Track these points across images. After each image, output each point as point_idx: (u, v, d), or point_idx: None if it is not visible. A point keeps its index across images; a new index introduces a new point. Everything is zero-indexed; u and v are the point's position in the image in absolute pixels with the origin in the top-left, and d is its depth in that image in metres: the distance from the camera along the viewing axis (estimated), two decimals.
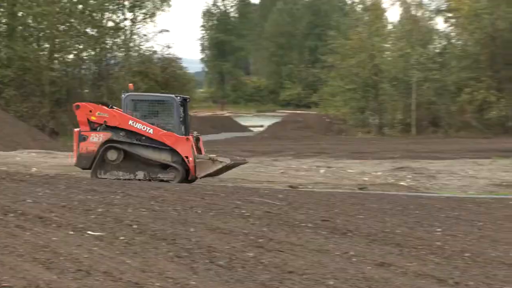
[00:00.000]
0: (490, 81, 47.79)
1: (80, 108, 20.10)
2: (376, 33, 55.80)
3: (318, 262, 8.42)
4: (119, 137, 19.67)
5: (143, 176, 19.61)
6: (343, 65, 55.08)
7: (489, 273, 8.28)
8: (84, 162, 19.73)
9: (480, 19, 47.33)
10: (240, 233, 9.96)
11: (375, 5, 58.02)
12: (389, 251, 9.38)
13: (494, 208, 14.63)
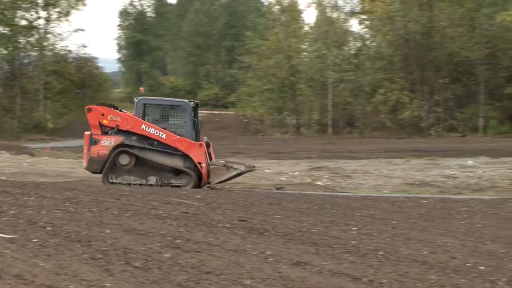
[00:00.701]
0: (403, 82, 48.80)
1: (92, 111, 19.65)
2: (292, 34, 56.26)
3: (235, 262, 8.42)
4: (131, 142, 19.35)
5: (155, 181, 19.34)
6: (260, 65, 55.30)
7: (401, 271, 8.43)
8: (94, 166, 19.37)
9: (393, 21, 48.26)
10: (157, 234, 9.88)
11: (292, 6, 58.47)
12: (306, 250, 9.45)
13: (408, 207, 14.96)
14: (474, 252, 9.88)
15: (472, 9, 48.41)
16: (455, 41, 48.34)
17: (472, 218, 13.31)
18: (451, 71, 49.47)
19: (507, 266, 8.96)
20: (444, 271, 8.57)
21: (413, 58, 48.86)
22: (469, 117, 48.31)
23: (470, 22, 48.43)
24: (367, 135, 48.43)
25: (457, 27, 48.23)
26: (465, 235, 11.33)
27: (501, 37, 45.96)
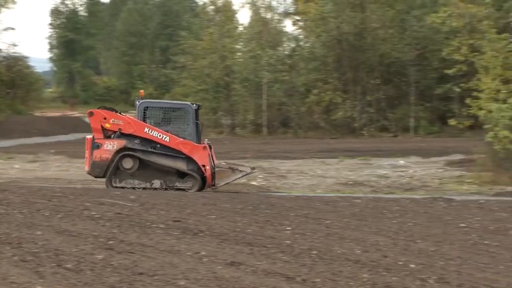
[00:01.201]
0: (336, 82, 49.30)
1: (94, 115, 19.33)
2: (227, 34, 56.28)
3: (169, 262, 8.38)
4: (134, 145, 19.15)
5: (160, 184, 19.19)
6: (195, 65, 55.14)
7: (335, 270, 8.52)
8: (97, 171, 19.08)
9: (326, 22, 48.67)
10: (89, 235, 9.76)
11: (226, 6, 58.48)
12: (240, 251, 9.47)
13: (341, 206, 15.10)
14: (405, 250, 10.04)
15: (402, 11, 49.19)
16: (386, 42, 49.04)
17: (403, 217, 13.52)
18: (382, 72, 50.16)
19: (437, 264, 9.14)
20: (376, 269, 8.69)
21: (346, 59, 49.40)
22: (401, 117, 49.05)
23: (400, 24, 49.19)
24: (302, 135, 48.75)
25: (388, 28, 48.95)
26: (397, 233, 11.51)
27: (430, 39, 46.78)
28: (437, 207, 15.34)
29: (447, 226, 12.49)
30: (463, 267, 9.06)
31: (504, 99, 24.05)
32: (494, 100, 24.28)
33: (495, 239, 11.24)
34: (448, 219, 13.34)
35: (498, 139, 23.48)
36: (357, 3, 48.99)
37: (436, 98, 48.14)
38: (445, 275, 8.52)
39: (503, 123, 23.33)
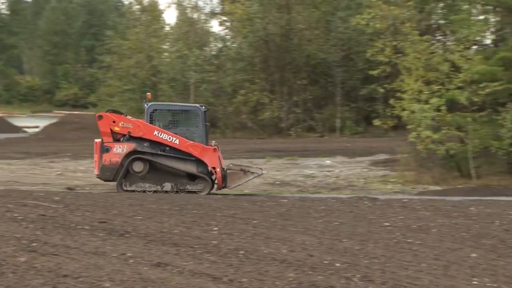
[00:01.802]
0: (263, 83, 49.49)
1: (103, 118, 19.18)
2: (153, 34, 55.84)
3: (94, 264, 8.28)
4: (143, 148, 19.04)
5: (170, 187, 19.14)
6: (121, 65, 54.53)
7: (261, 270, 8.57)
8: (107, 174, 18.95)
9: (252, 23, 48.78)
10: (12, 237, 9.56)
11: (152, 6, 58.04)
12: (166, 251, 9.43)
13: (268, 206, 15.18)
14: (331, 249, 10.17)
15: (328, 12, 49.68)
16: (312, 43, 49.46)
17: (329, 217, 13.67)
18: (309, 72, 50.57)
19: (361, 263, 9.28)
20: (302, 268, 8.77)
21: (273, 60, 49.63)
22: (327, 117, 49.51)
23: (326, 25, 49.67)
24: (229, 135, 48.73)
25: (314, 29, 49.38)
26: (323, 233, 11.64)
27: (355, 40, 47.41)
28: (362, 206, 15.57)
29: (371, 225, 12.69)
30: (387, 265, 9.22)
31: (426, 100, 24.52)
32: (416, 100, 24.71)
33: (417, 238, 11.48)
34: (372, 218, 13.55)
35: (421, 139, 23.96)
36: (283, 4, 49.24)
37: (361, 98, 48.80)
38: (369, 273, 8.66)
39: (425, 124, 23.82)
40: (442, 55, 26.44)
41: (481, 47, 34.66)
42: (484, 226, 12.88)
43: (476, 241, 11.44)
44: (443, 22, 44.51)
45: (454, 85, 24.92)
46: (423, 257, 9.94)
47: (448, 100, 24.75)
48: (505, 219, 13.80)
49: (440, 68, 25.40)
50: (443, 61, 25.59)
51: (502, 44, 29.38)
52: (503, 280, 8.75)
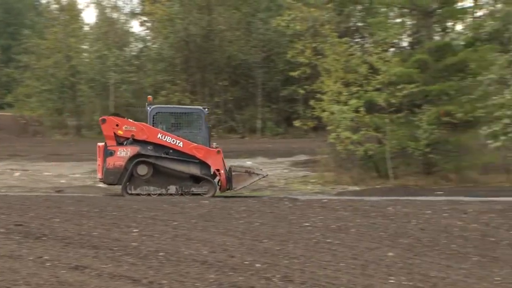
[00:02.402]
0: (184, 84, 49.30)
1: (107, 122, 19.11)
2: (72, 34, 54.92)
3: (9, 268, 8.11)
4: (147, 151, 18.99)
5: (175, 190, 19.08)
6: (39, 65, 53.45)
7: (182, 271, 8.54)
8: (111, 178, 18.87)
9: (173, 23, 48.53)
10: None
11: (70, 5, 57.08)
12: (85, 254, 9.30)
13: (189, 208, 15.14)
14: (252, 250, 10.21)
15: (248, 13, 49.83)
16: (233, 45, 49.55)
17: (250, 217, 13.73)
18: (230, 73, 50.64)
19: (281, 263, 9.35)
20: (222, 269, 8.78)
21: (194, 61, 49.50)
22: (248, 118, 49.69)
23: (247, 26, 49.83)
24: None
25: (235, 30, 49.46)
26: (244, 234, 11.68)
27: (276, 41, 47.71)
28: (282, 207, 15.68)
29: (291, 226, 12.80)
30: (306, 265, 9.32)
31: (345, 101, 24.83)
32: (336, 102, 25.01)
33: (337, 238, 11.64)
34: (292, 219, 13.67)
35: (340, 140, 24.27)
36: (203, 5, 49.16)
37: (281, 100, 49.15)
38: (289, 273, 8.74)
39: (344, 125, 24.14)
40: (360, 57, 26.84)
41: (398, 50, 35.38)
42: (401, 226, 13.15)
43: (393, 240, 11.67)
44: (361, 25, 45.27)
45: (372, 86, 25.35)
46: (341, 256, 10.08)
47: (367, 101, 25.16)
48: (421, 219, 14.11)
49: (358, 70, 25.78)
50: (362, 63, 25.99)
51: (418, 46, 30.01)
52: (418, 278, 8.95)
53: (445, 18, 32.53)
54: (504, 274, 9.54)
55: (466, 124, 24.51)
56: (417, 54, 26.96)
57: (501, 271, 9.73)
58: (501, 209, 15.82)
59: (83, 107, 54.18)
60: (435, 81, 25.66)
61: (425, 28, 30.33)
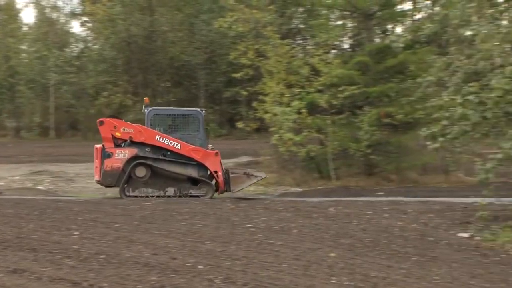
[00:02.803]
0: (126, 85, 48.91)
1: (105, 124, 19.02)
2: (10, 34, 54.04)
3: None
4: (145, 153, 18.95)
5: (174, 192, 18.97)
6: None
7: (123, 274, 8.46)
8: (109, 180, 18.76)
9: (115, 24, 48.09)
10: None
11: (9, 5, 56.15)
12: (24, 257, 9.16)
13: (131, 210, 15.03)
14: (194, 252, 10.18)
15: (191, 14, 49.66)
16: (176, 46, 49.34)
17: (192, 219, 13.69)
18: (173, 75, 50.44)
19: (223, 264, 9.34)
20: (164, 272, 8.73)
21: (136, 62, 49.13)
22: None
23: (189, 28, 49.68)
24: (91, 137, 47.84)
25: (177, 32, 49.27)
26: (186, 235, 11.64)
27: (218, 43, 47.68)
28: (225, 208, 15.68)
29: (234, 227, 12.80)
30: (249, 266, 9.33)
31: (288, 103, 24.96)
32: (278, 103, 25.13)
33: (279, 239, 11.68)
34: (235, 220, 13.67)
35: (283, 142, 24.37)
36: (145, 6, 48.85)
37: (224, 101, 49.19)
38: (231, 275, 8.73)
39: (287, 126, 24.25)
40: (302, 59, 27.05)
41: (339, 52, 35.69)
42: (342, 226, 13.27)
43: (335, 240, 11.77)
44: (303, 27, 45.58)
45: (314, 88, 25.55)
46: (284, 257, 10.11)
47: (309, 103, 25.35)
48: (362, 219, 14.27)
49: (300, 72, 25.96)
50: (304, 65, 26.18)
51: (359, 49, 30.38)
52: (359, 278, 9.03)
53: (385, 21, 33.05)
54: (442, 273, 9.70)
55: (406, 126, 24.91)
56: (358, 56, 27.29)
57: (440, 270, 9.90)
58: (440, 209, 16.12)
59: (22, 108, 53.34)
60: (376, 83, 26.01)
61: (365, 31, 30.73)
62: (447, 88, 14.87)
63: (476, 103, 11.50)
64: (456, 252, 11.49)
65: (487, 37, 12.12)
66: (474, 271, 10.00)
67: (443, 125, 13.75)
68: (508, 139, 11.83)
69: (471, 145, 15.12)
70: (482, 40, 12.15)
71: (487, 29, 12.54)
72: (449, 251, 11.47)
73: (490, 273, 9.98)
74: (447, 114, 13.78)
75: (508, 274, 10.00)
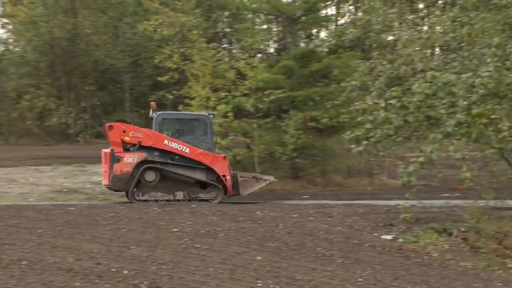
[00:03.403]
0: (50, 88, 48.06)
1: (114, 128, 19.05)
2: None
3: None
4: (154, 157, 18.93)
5: (183, 196, 19.01)
6: None
7: (45, 280, 8.33)
8: (118, 184, 18.81)
9: (37, 26, 47.19)
10: None
11: None
12: None
13: (54, 215, 14.78)
14: (119, 257, 10.08)
15: (115, 17, 49.14)
16: (100, 49, 48.72)
17: (118, 224, 13.56)
18: (97, 78, 49.79)
19: (149, 269, 9.28)
20: (89, 277, 8.63)
21: (59, 65, 48.32)
22: None
23: (114, 31, 49.17)
24: (13, 142, 46.86)
25: (101, 34, 48.70)
26: (111, 240, 11.52)
27: (143, 46, 47.30)
28: (151, 213, 15.57)
29: (160, 231, 12.73)
30: (175, 271, 9.30)
31: (214, 107, 24.98)
32: (204, 107, 25.11)
33: (205, 242, 11.67)
34: (161, 224, 13.60)
35: None
36: (68, 8, 48.12)
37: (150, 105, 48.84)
38: (157, 279, 8.69)
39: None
40: (228, 63, 27.10)
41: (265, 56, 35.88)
42: (269, 230, 13.35)
43: (261, 244, 11.83)
44: (229, 30, 45.70)
45: (240, 92, 25.64)
46: (210, 261, 10.12)
47: (235, 106, 25.42)
48: (288, 222, 14.38)
49: (226, 75, 26.02)
50: (229, 69, 26.24)
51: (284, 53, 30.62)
52: (285, 281, 9.11)
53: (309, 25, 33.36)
54: (366, 275, 9.87)
55: (331, 129, 25.25)
56: (283, 60, 27.51)
57: (364, 272, 10.06)
58: (364, 212, 16.37)
59: None
60: (301, 87, 26.26)
61: (290, 35, 31.00)
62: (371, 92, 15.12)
63: (398, 107, 11.72)
64: (380, 254, 11.70)
65: (408, 43, 12.38)
66: (397, 273, 10.20)
67: (366, 129, 13.97)
68: (429, 142, 12.10)
69: (393, 148, 15.42)
70: (404, 45, 12.40)
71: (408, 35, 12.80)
72: (373, 253, 11.67)
73: (412, 274, 10.20)
74: (371, 118, 14.01)
75: (430, 275, 10.24)
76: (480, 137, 10.99)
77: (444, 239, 13.35)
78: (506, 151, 12.23)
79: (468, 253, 12.51)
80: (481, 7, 14.42)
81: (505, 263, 11.88)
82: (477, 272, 10.96)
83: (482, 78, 10.78)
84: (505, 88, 10.82)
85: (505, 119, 10.95)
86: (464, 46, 12.36)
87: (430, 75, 11.18)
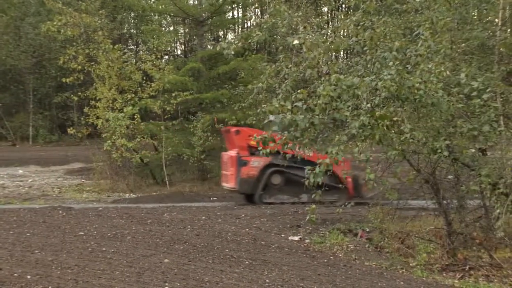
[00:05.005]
0: None
1: (241, 133, 19.78)
2: None
3: None
4: (278, 161, 18.94)
5: (307, 198, 18.92)
6: None
7: None
8: (245, 187, 19.43)
9: None
10: None
11: None
12: None
13: None
14: (22, 261, 9.87)
15: (17, 17, 48.12)
16: (1, 49, 47.59)
17: (21, 228, 13.26)
18: None
19: (54, 274, 9.12)
20: None
21: None
22: (19, 125, 48.08)
23: (16, 31, 48.10)
24: None
25: (2, 35, 47.59)
26: (14, 245, 11.26)
27: (47, 47, 46.46)
28: (56, 216, 15.28)
29: (66, 235, 12.52)
30: (80, 275, 9.17)
31: (120, 108, 24.74)
32: (111, 109, 24.83)
33: (112, 246, 11.54)
34: (66, 228, 13.37)
35: (116, 148, 24.10)
36: None
37: (54, 106, 47.99)
38: (62, 284, 8.55)
39: (120, 132, 24.00)
40: (134, 64, 26.88)
41: (172, 57, 35.68)
42: (176, 232, 13.31)
43: (169, 246, 11.78)
44: (135, 32, 45.34)
45: (147, 94, 25.48)
46: (117, 265, 10.01)
47: (142, 108, 25.23)
48: (196, 224, 14.38)
49: (133, 77, 25.80)
50: (136, 70, 26.03)
51: (191, 55, 30.58)
52: (193, 283, 9.10)
53: (216, 28, 33.39)
54: (273, 276, 9.97)
55: None
56: (191, 62, 27.49)
57: (271, 273, 10.16)
58: (272, 214, 16.55)
59: None
60: (209, 89, 26.32)
61: (197, 37, 30.97)
62: (277, 94, 15.29)
63: (304, 110, 11.86)
64: (287, 255, 11.84)
65: (313, 46, 12.57)
66: (304, 273, 10.35)
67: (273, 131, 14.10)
68: (334, 144, 12.30)
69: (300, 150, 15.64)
70: (308, 48, 12.58)
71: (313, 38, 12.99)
72: (280, 254, 11.81)
73: (318, 274, 10.37)
74: (277, 120, 14.15)
75: (335, 275, 10.43)
76: (383, 139, 11.23)
77: (349, 240, 13.64)
78: (407, 152, 12.56)
79: (372, 253, 12.80)
80: (383, 12, 14.80)
81: (408, 262, 12.22)
82: (381, 271, 11.23)
83: (385, 81, 11.02)
84: (407, 91, 11.09)
85: (406, 121, 11.23)
86: (367, 49, 12.61)
87: (335, 78, 11.36)
